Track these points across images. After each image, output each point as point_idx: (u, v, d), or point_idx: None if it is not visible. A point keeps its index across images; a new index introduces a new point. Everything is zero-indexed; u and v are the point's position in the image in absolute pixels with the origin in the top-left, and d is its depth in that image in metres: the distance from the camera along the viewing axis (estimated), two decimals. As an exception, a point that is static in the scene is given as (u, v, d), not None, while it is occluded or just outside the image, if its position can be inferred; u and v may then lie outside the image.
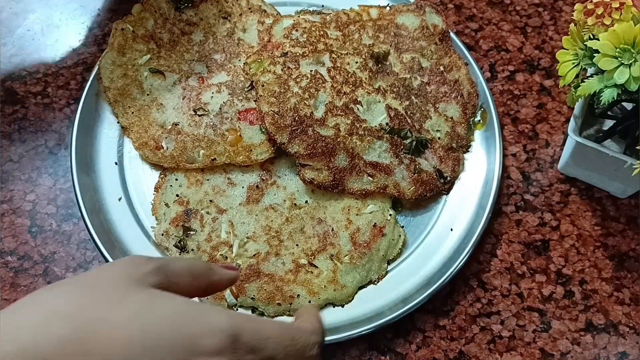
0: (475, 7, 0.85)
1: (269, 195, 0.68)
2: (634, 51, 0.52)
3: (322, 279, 0.64)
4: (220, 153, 0.69)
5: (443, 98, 0.75)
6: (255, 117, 0.71)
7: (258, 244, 0.65)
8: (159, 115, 0.72)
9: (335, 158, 0.68)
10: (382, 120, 0.71)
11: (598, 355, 0.64)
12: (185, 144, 0.70)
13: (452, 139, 0.73)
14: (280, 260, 0.65)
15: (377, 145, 0.70)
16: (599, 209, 0.72)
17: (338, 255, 0.65)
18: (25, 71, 0.80)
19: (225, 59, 0.76)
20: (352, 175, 0.69)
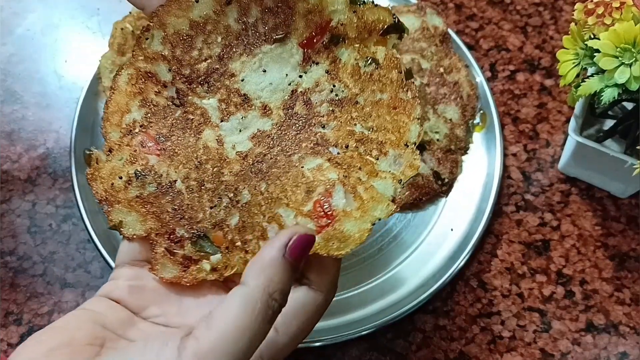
0: (475, 7, 0.85)
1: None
2: (634, 51, 0.52)
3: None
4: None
5: (442, 100, 0.75)
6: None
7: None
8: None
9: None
10: None
11: (598, 356, 0.64)
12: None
13: (450, 140, 0.73)
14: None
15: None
16: (599, 209, 0.72)
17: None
18: (25, 71, 0.80)
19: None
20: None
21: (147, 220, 0.46)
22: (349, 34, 0.47)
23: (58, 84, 0.79)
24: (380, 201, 0.43)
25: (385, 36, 0.47)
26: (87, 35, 0.82)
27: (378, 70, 0.46)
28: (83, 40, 0.82)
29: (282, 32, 0.47)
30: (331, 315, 0.64)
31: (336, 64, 0.47)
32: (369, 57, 0.47)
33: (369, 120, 0.46)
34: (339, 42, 0.47)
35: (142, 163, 0.47)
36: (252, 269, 0.38)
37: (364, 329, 0.62)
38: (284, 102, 0.48)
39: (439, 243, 0.68)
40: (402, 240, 0.69)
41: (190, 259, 0.46)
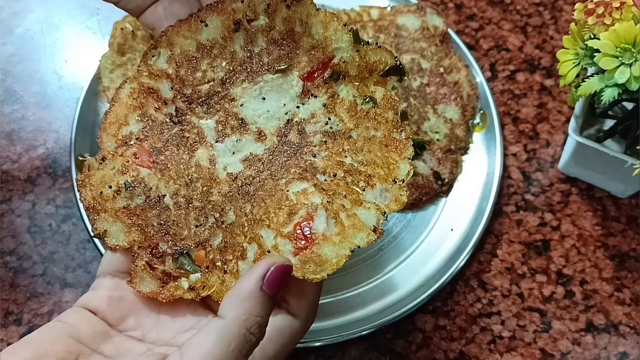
0: (475, 7, 0.85)
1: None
2: (634, 51, 0.52)
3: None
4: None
5: (442, 100, 0.75)
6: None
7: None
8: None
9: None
10: None
11: (598, 356, 0.64)
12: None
13: (450, 140, 0.73)
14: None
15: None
16: (599, 209, 0.72)
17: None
18: (25, 71, 0.80)
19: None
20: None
21: (131, 232, 0.46)
22: (350, 72, 0.48)
23: (58, 84, 0.79)
24: (361, 229, 0.43)
25: (385, 77, 0.48)
26: (87, 35, 0.82)
27: (374, 108, 0.47)
28: (83, 40, 0.82)
29: (285, 63, 0.48)
30: (331, 315, 0.64)
31: (334, 99, 0.48)
32: (367, 95, 0.47)
33: (360, 154, 0.46)
34: (339, 79, 0.48)
35: (133, 174, 0.47)
36: (229, 301, 0.38)
37: (364, 329, 0.62)
38: (278, 130, 0.48)
39: (439, 243, 0.68)
40: (402, 240, 0.69)
41: (169, 275, 0.46)
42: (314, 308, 0.44)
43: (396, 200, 0.45)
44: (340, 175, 0.45)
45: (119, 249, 0.46)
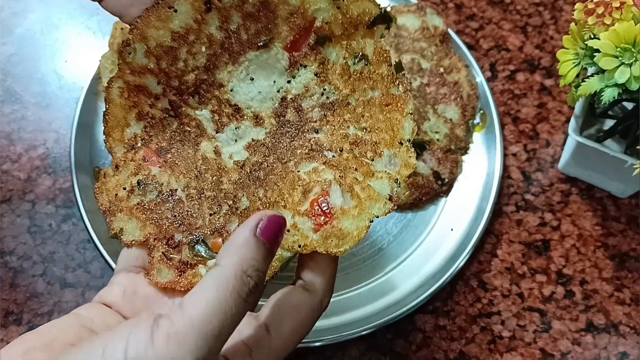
0: (475, 7, 0.85)
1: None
2: (634, 50, 0.52)
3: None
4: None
5: (442, 99, 0.75)
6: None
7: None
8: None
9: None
10: None
11: (598, 356, 0.64)
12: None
13: (450, 140, 0.73)
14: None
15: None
16: (599, 209, 0.72)
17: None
18: (25, 71, 0.80)
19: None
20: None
21: (146, 226, 0.47)
22: (335, 32, 0.46)
23: (58, 84, 0.79)
24: (377, 200, 0.43)
25: (372, 28, 0.46)
26: (87, 35, 0.82)
27: (368, 67, 0.46)
28: (83, 40, 0.82)
29: (265, 37, 0.47)
30: (331, 315, 0.64)
31: (325, 65, 0.46)
32: (358, 52, 0.46)
33: (362, 121, 0.45)
34: (326, 42, 0.46)
35: (144, 173, 0.48)
36: (225, 250, 0.37)
37: (364, 329, 0.62)
38: (274, 110, 0.48)
39: (439, 243, 0.68)
40: (402, 240, 0.69)
41: (186, 263, 0.46)
42: (330, 284, 0.43)
43: (406, 165, 0.44)
44: (347, 149, 0.45)
45: (135, 244, 0.47)
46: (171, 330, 0.34)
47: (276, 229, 0.38)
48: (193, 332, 0.34)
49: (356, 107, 0.46)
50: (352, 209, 0.43)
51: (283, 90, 0.48)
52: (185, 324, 0.34)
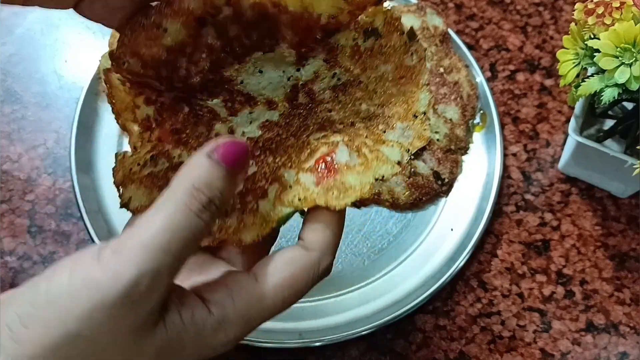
0: (475, 7, 0.85)
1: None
2: (634, 50, 0.52)
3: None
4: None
5: (442, 99, 0.75)
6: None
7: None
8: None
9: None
10: None
11: (598, 356, 0.64)
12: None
13: (450, 140, 0.73)
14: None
15: (371, 151, 0.70)
16: (599, 209, 0.72)
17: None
18: (25, 71, 0.80)
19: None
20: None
21: (153, 192, 0.45)
22: (343, 22, 0.44)
23: (58, 84, 0.79)
24: (385, 162, 0.42)
25: (380, 3, 0.44)
26: (87, 35, 0.82)
27: (379, 41, 0.43)
28: (83, 40, 0.82)
29: (269, 41, 0.45)
30: (331, 315, 0.64)
31: (334, 52, 0.45)
32: (367, 27, 0.43)
33: (375, 97, 0.44)
34: (334, 34, 0.44)
35: (159, 149, 0.47)
36: (177, 175, 0.36)
37: (364, 329, 0.62)
38: (286, 96, 0.46)
39: (439, 243, 0.68)
40: (402, 240, 0.69)
41: None
42: (331, 245, 0.40)
43: (419, 137, 0.42)
44: (359, 122, 0.44)
45: (142, 210, 0.44)
46: (117, 247, 0.33)
47: (235, 151, 0.36)
48: (139, 246, 0.32)
49: (368, 84, 0.44)
50: (358, 166, 0.41)
51: (293, 78, 0.46)
52: (132, 240, 0.33)
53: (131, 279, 0.32)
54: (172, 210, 0.34)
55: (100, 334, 0.33)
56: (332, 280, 0.66)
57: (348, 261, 0.68)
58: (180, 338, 0.35)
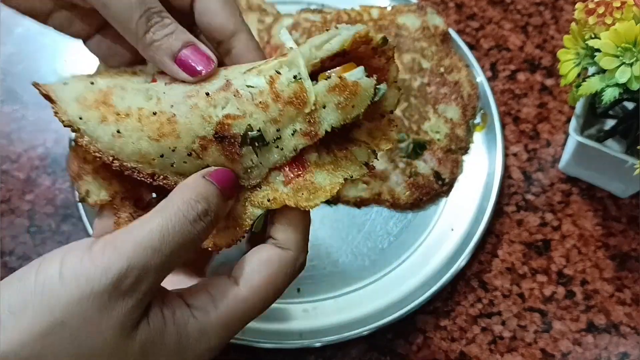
0: (476, 6, 0.85)
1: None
2: (635, 50, 0.52)
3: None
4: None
5: (443, 99, 0.75)
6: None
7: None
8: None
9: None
10: None
11: (599, 356, 0.64)
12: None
13: (451, 140, 0.73)
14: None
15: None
16: (600, 209, 0.71)
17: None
18: (25, 71, 0.80)
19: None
20: (347, 183, 0.69)
21: (111, 184, 0.45)
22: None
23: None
24: (353, 162, 0.42)
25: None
26: (87, 35, 0.82)
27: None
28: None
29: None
30: (331, 315, 0.64)
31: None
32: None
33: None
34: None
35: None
36: (175, 190, 0.38)
37: (364, 329, 0.62)
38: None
39: (439, 243, 0.68)
40: (402, 240, 0.69)
41: None
42: (303, 241, 0.41)
43: (386, 138, 0.43)
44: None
45: (101, 204, 0.45)
46: (110, 241, 0.34)
47: (226, 176, 0.39)
48: (132, 241, 0.34)
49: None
50: (327, 165, 0.42)
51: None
52: (126, 236, 0.34)
53: (120, 272, 0.33)
54: (169, 215, 0.35)
55: (86, 324, 0.33)
56: (332, 281, 0.66)
57: (348, 261, 0.68)
58: (162, 336, 0.36)
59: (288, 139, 0.40)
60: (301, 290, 0.66)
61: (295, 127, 0.40)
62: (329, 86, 0.39)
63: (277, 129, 0.40)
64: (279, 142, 0.40)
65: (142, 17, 0.41)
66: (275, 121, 0.40)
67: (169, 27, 0.42)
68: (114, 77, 0.45)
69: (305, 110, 0.39)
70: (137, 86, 0.43)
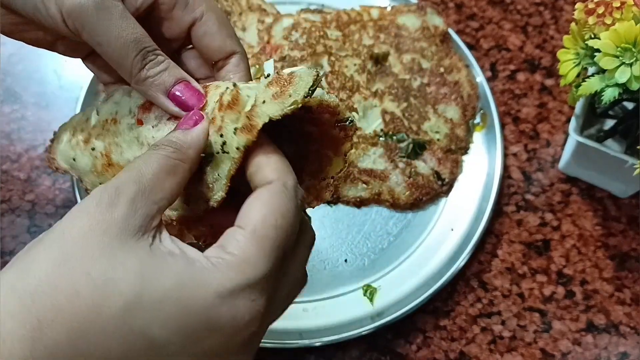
0: (476, 6, 0.85)
1: None
2: (635, 50, 0.52)
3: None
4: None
5: (443, 99, 0.75)
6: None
7: None
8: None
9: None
10: (376, 127, 0.72)
11: (599, 356, 0.64)
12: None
13: (451, 140, 0.73)
14: None
15: (371, 152, 0.70)
16: (600, 209, 0.72)
17: None
18: (25, 71, 0.80)
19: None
20: (347, 183, 0.69)
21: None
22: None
23: (57, 84, 0.79)
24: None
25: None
26: (87, 35, 0.82)
27: (307, 114, 0.42)
28: (83, 40, 0.82)
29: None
30: (331, 314, 0.64)
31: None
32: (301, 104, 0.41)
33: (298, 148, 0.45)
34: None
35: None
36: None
37: (364, 329, 0.62)
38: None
39: (439, 243, 0.68)
40: (402, 240, 0.69)
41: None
42: (283, 165, 0.39)
43: (317, 198, 0.44)
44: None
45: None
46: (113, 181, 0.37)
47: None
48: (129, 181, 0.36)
49: (293, 132, 0.44)
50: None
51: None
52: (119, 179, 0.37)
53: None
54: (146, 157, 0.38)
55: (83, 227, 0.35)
56: (332, 280, 0.66)
57: (348, 261, 0.68)
58: (166, 262, 0.35)
59: (230, 139, 0.40)
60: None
61: (237, 125, 0.39)
62: (268, 82, 0.39)
63: (220, 135, 0.40)
64: (225, 147, 0.40)
65: (137, 56, 0.42)
66: (219, 129, 0.40)
67: (163, 64, 0.43)
68: (102, 132, 0.47)
69: (244, 109, 0.39)
70: (127, 136, 0.45)
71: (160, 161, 0.38)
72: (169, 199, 0.38)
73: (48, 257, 0.36)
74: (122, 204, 0.35)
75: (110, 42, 0.41)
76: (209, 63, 0.47)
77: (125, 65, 0.42)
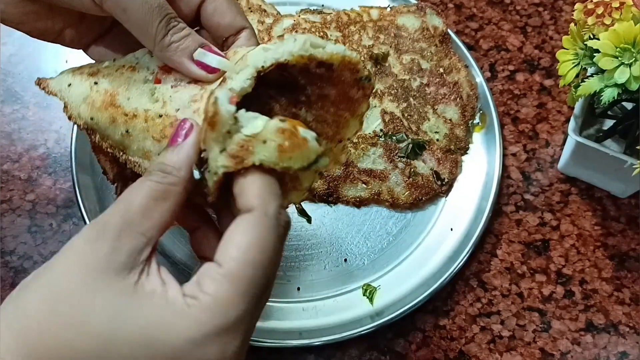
0: (475, 7, 0.85)
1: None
2: (634, 51, 0.52)
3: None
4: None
5: (442, 100, 0.75)
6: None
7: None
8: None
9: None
10: (376, 127, 0.72)
11: (598, 355, 0.64)
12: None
13: (450, 140, 0.73)
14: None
15: (371, 152, 0.70)
16: (599, 209, 0.72)
17: None
18: (25, 71, 0.80)
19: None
20: (346, 183, 0.69)
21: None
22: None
23: (58, 84, 0.79)
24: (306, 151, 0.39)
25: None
26: (88, 35, 0.82)
27: (328, 72, 0.42)
28: (83, 40, 0.82)
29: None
30: (331, 314, 0.64)
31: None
32: (322, 62, 0.41)
33: (313, 109, 0.44)
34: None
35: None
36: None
37: (364, 328, 0.62)
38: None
39: (438, 243, 0.68)
40: (402, 240, 0.69)
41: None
42: (264, 194, 0.37)
43: (335, 161, 0.44)
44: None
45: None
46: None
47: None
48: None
49: (311, 96, 0.44)
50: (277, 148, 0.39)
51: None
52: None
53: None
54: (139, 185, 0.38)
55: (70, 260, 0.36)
56: (332, 280, 0.66)
57: (348, 261, 0.68)
58: (143, 303, 0.35)
59: (214, 157, 0.38)
60: (301, 289, 0.66)
61: (224, 147, 0.38)
62: (280, 127, 0.38)
63: (204, 149, 0.40)
64: (207, 164, 0.39)
65: (162, 22, 0.42)
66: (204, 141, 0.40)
67: (185, 30, 0.43)
68: (114, 74, 0.46)
69: (221, 130, 0.37)
70: (140, 86, 0.44)
71: (149, 189, 0.38)
72: (159, 227, 0.37)
73: (37, 295, 0.38)
74: (108, 240, 0.35)
75: (137, 7, 0.42)
76: (219, 41, 0.47)
77: (149, 32, 0.43)
